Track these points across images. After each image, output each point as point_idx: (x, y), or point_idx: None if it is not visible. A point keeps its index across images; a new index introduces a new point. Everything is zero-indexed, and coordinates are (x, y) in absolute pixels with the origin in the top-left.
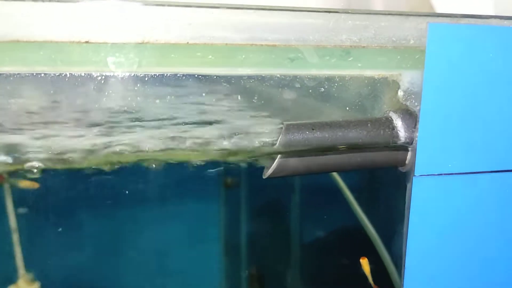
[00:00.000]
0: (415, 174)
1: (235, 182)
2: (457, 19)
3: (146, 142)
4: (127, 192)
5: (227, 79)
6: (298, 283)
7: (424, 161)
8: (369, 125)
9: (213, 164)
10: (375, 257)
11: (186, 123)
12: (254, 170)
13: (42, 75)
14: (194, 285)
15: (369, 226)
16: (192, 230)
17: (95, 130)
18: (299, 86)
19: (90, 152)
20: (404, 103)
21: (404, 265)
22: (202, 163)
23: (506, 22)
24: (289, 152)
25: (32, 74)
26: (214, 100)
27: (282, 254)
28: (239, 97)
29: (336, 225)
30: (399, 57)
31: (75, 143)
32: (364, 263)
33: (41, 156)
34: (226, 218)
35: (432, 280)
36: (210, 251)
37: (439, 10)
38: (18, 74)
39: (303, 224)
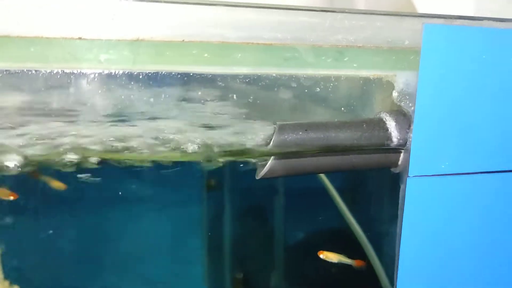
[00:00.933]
0: (409, 175)
1: (218, 184)
2: (451, 20)
3: (134, 140)
4: (107, 194)
5: (222, 77)
6: (282, 286)
7: (418, 162)
8: (363, 126)
9: (197, 165)
10: (364, 260)
11: (177, 122)
12: (237, 172)
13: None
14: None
15: (357, 228)
16: (174, 233)
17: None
18: (295, 85)
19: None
20: (398, 104)
21: (397, 266)
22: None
23: (498, 24)
24: (282, 153)
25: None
26: (207, 99)
27: (266, 257)
28: (234, 96)
29: (321, 227)
30: (394, 57)
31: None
32: (325, 255)
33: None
34: (209, 220)
35: (425, 280)
36: (193, 254)
37: (420, 9)
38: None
39: (288, 226)
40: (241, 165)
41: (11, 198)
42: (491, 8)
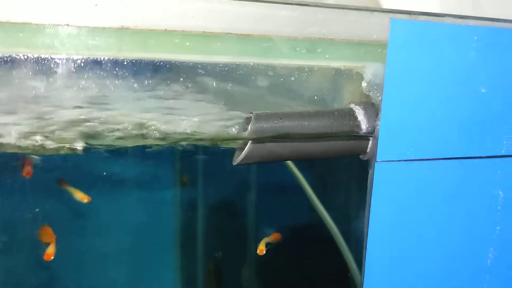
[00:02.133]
0: (376, 160)
1: (191, 180)
2: (416, 16)
3: (113, 122)
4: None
5: (203, 66)
6: (255, 278)
7: (385, 148)
8: (334, 115)
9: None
10: (335, 250)
11: (157, 107)
12: (210, 167)
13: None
14: (149, 282)
15: (329, 219)
16: (147, 228)
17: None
18: (271, 74)
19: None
20: (367, 93)
21: (366, 249)
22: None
23: (459, 21)
24: (257, 139)
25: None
26: (187, 85)
27: (239, 250)
28: (214, 84)
29: (293, 220)
30: (363, 50)
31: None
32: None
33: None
34: (182, 215)
35: (393, 263)
36: (166, 247)
37: (385, 5)
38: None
39: (260, 219)
40: (215, 157)
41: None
42: (454, 5)
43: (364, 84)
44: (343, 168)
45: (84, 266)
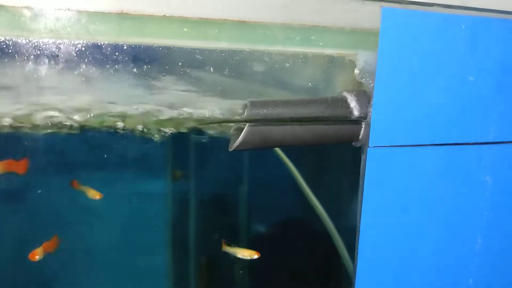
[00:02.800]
0: (369, 145)
1: (183, 175)
2: (407, 4)
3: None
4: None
5: (201, 51)
6: (248, 272)
7: (377, 134)
8: (327, 102)
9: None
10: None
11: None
12: (202, 161)
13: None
14: (141, 278)
15: (321, 210)
16: (138, 223)
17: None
18: (267, 60)
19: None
20: (359, 80)
21: (359, 233)
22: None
23: (446, 10)
24: (252, 122)
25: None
26: (190, 70)
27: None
28: (211, 69)
29: (286, 215)
30: (355, 38)
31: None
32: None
33: None
34: (174, 209)
35: (385, 246)
36: (158, 242)
37: None
38: None
39: (253, 214)
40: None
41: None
42: None
43: (356, 71)
44: (334, 157)
45: (74, 261)
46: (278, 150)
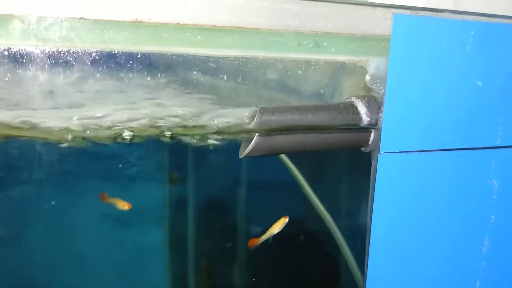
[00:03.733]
0: (380, 151)
1: (181, 178)
2: (417, 11)
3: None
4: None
5: (214, 59)
6: (247, 275)
7: (388, 139)
8: (337, 108)
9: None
10: (332, 248)
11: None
12: (200, 165)
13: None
14: (139, 281)
15: (326, 215)
16: (135, 226)
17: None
18: (280, 67)
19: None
20: (370, 86)
21: (369, 238)
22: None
23: (456, 16)
24: (263, 131)
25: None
26: (203, 77)
27: (231, 247)
28: (225, 77)
29: (290, 216)
30: (366, 44)
31: None
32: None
33: None
34: (172, 213)
35: (395, 251)
36: (156, 244)
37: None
38: None
39: (253, 218)
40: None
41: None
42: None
43: (367, 77)
44: (342, 163)
45: (72, 265)
46: (283, 157)
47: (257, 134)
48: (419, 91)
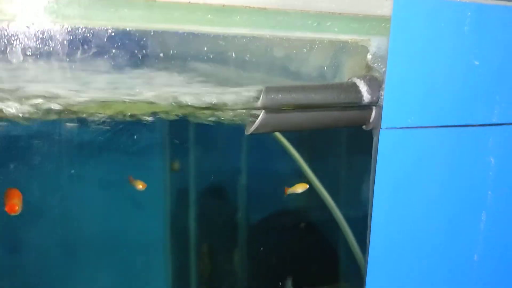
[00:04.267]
0: (381, 127)
1: (182, 165)
2: None
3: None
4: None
5: (224, 37)
6: (247, 260)
7: (389, 116)
8: (339, 87)
9: None
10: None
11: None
12: (201, 152)
13: None
14: (140, 267)
15: (329, 198)
16: (137, 211)
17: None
18: (286, 46)
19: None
20: (371, 65)
21: (371, 214)
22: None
23: None
24: (268, 108)
25: None
26: (208, 56)
27: (231, 232)
28: (233, 54)
29: (287, 203)
30: (368, 24)
31: None
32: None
33: None
34: (173, 199)
35: (397, 225)
36: (157, 231)
37: None
38: None
39: (252, 203)
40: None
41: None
42: None
43: (369, 56)
44: (344, 142)
45: (71, 250)
46: (280, 136)
47: (263, 111)
48: (418, 70)
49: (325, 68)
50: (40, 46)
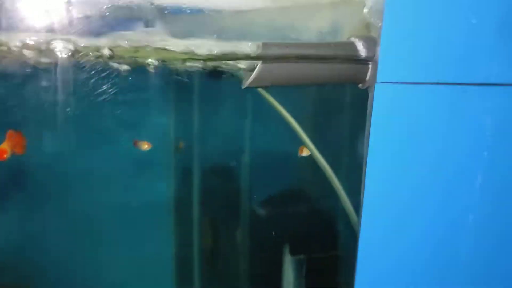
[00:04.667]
0: (377, 81)
1: (186, 146)
2: None
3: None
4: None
5: None
6: (249, 237)
7: (385, 70)
8: (336, 44)
9: None
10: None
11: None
12: (203, 134)
13: None
14: (145, 246)
15: (324, 163)
16: (142, 193)
17: None
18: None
19: None
20: (368, 19)
21: (366, 171)
22: None
23: None
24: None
25: None
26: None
27: (234, 212)
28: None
29: (289, 184)
30: None
31: None
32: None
33: None
34: (177, 180)
35: (391, 181)
36: (161, 210)
37: None
38: None
39: (255, 184)
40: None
41: (146, 147)
42: None
43: (365, 10)
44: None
45: (76, 222)
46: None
47: (259, 63)
48: (415, 24)
49: (324, 23)
50: None
